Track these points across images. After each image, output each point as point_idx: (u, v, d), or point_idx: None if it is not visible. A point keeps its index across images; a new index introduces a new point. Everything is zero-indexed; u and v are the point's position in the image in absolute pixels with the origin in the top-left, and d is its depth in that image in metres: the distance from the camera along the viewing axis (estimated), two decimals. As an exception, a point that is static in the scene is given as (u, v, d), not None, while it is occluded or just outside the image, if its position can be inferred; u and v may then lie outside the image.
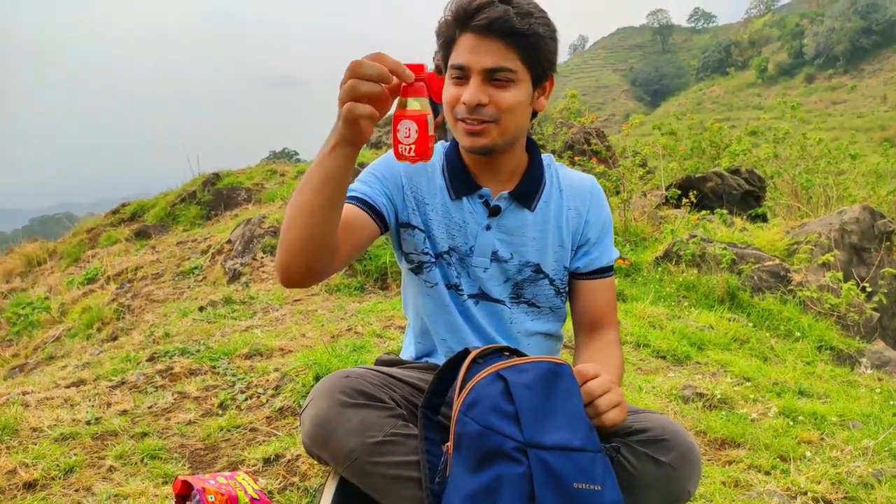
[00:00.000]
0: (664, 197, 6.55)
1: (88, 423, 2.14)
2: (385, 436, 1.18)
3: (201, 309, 3.99)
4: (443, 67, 1.34)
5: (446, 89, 1.32)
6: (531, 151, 1.45)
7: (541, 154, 1.47)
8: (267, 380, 2.48)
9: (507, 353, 1.22)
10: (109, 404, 2.32)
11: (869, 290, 4.38)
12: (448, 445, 1.13)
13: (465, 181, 1.41)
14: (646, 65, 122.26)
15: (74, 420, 2.16)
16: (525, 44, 1.25)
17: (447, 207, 1.42)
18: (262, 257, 5.06)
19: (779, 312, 4.11)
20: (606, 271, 1.47)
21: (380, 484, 1.19)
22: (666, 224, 5.67)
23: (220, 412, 2.28)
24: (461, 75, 1.29)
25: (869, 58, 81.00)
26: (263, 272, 4.83)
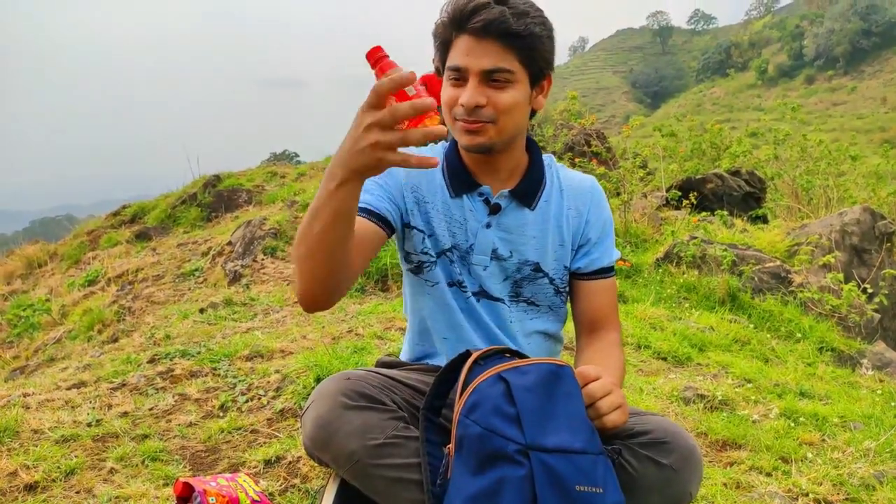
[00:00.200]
0: (665, 198, 6.54)
1: (89, 425, 2.14)
2: (386, 438, 1.18)
3: (202, 311, 4.00)
4: (440, 69, 1.34)
5: (444, 91, 1.32)
6: (532, 151, 1.45)
7: (541, 154, 1.47)
8: (268, 381, 2.48)
9: (509, 355, 1.22)
10: (110, 406, 2.33)
11: (870, 292, 4.37)
12: (449, 448, 1.13)
13: (465, 179, 1.41)
14: (646, 66, 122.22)
15: (75, 422, 2.16)
16: (522, 44, 1.25)
17: (447, 205, 1.42)
18: (263, 259, 5.06)
19: (780, 314, 4.10)
20: (607, 272, 1.47)
21: (381, 486, 1.19)
22: (666, 225, 5.66)
23: (221, 414, 2.28)
24: (458, 77, 1.28)
25: (869, 59, 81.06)
26: (264, 274, 4.83)
